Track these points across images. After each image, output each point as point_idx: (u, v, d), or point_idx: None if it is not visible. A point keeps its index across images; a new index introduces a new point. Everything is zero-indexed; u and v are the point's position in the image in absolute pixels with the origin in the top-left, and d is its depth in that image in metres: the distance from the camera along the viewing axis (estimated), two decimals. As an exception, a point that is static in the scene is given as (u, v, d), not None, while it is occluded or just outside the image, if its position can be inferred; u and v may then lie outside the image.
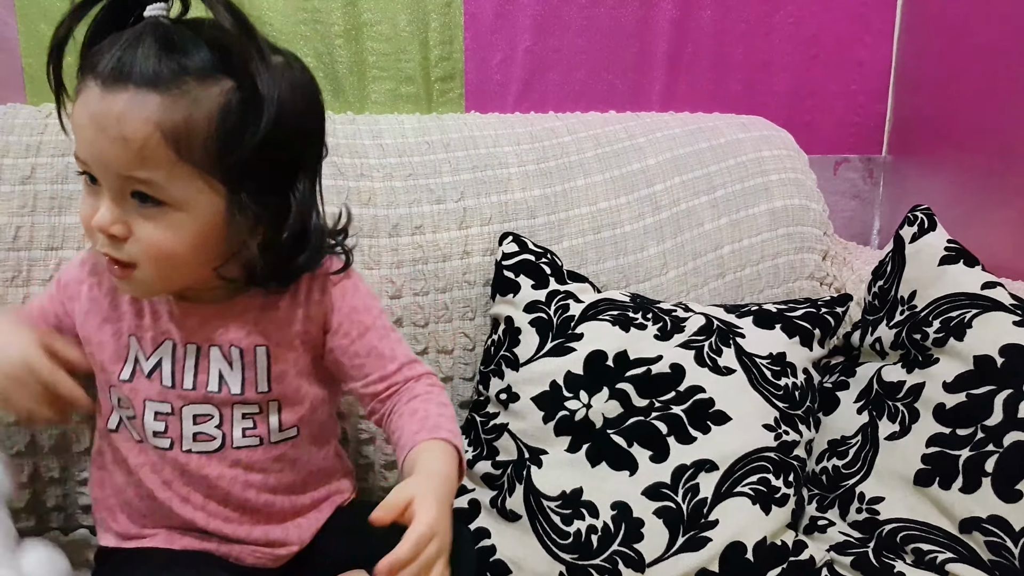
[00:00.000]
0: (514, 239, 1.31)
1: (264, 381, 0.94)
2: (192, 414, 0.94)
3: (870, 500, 1.13)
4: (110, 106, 0.79)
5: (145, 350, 0.94)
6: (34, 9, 1.33)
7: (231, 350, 0.93)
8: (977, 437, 1.05)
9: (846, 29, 1.76)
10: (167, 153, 0.80)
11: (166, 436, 0.94)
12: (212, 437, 0.94)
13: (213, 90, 0.80)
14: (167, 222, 0.83)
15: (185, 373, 0.93)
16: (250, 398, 0.94)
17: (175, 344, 0.93)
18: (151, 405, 0.93)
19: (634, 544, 1.05)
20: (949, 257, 1.19)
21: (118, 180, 0.81)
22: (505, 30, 1.57)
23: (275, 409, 0.96)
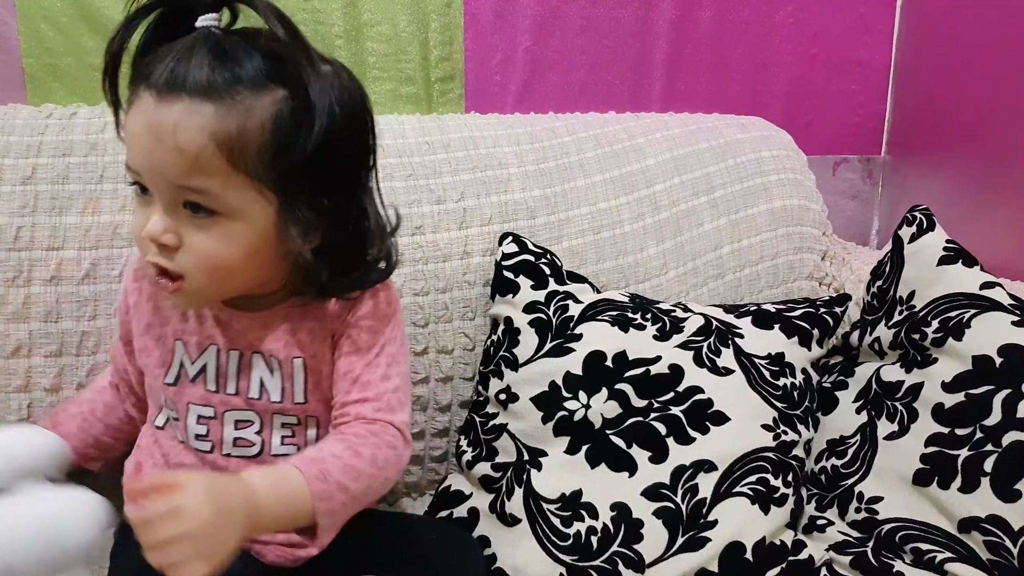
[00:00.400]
0: (514, 239, 1.31)
1: (301, 392, 0.94)
2: (234, 419, 0.94)
3: (869, 500, 1.13)
4: (165, 116, 0.79)
5: (191, 354, 0.95)
6: (34, 9, 1.33)
7: (271, 359, 0.94)
8: (976, 437, 1.05)
9: (846, 29, 1.76)
10: (221, 162, 0.80)
11: (207, 439, 0.95)
12: (251, 443, 0.95)
13: (266, 99, 0.81)
14: (220, 231, 0.83)
15: (228, 378, 0.94)
16: (288, 408, 0.95)
17: (219, 349, 0.94)
18: (194, 409, 0.94)
19: (634, 545, 1.05)
20: (948, 257, 1.19)
21: (171, 190, 0.81)
22: (505, 30, 1.57)
23: (313, 424, 0.96)
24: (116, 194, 1.19)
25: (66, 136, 1.21)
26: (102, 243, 1.17)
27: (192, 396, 0.94)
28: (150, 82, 0.80)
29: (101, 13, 1.35)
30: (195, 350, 0.94)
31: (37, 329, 1.15)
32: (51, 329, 1.15)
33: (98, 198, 1.19)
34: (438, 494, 1.23)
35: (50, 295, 1.15)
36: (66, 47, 1.35)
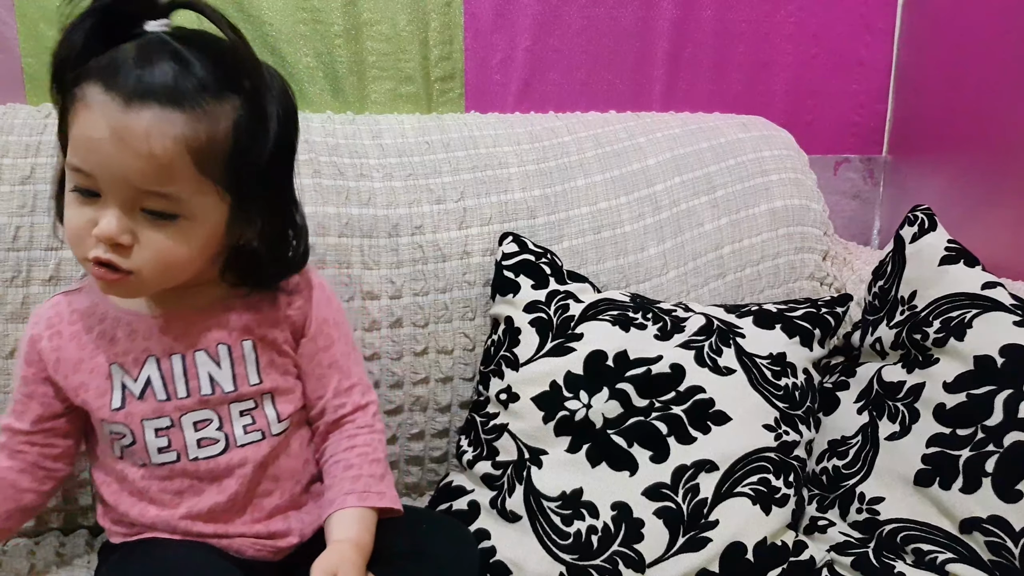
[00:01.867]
0: (514, 239, 1.31)
1: (254, 373, 0.97)
2: (192, 421, 0.94)
3: (870, 500, 1.13)
4: (134, 122, 0.79)
5: (131, 372, 0.94)
6: (34, 9, 1.33)
7: (218, 349, 0.95)
8: (977, 437, 1.04)
9: (846, 29, 1.76)
10: (190, 169, 0.82)
11: (171, 450, 0.94)
12: (215, 440, 0.95)
13: (227, 106, 0.84)
14: (176, 231, 0.85)
15: (176, 383, 0.94)
16: (244, 392, 0.96)
17: (158, 358, 0.94)
18: (149, 424, 0.94)
19: (634, 544, 1.05)
20: (949, 257, 1.19)
21: (132, 193, 0.82)
22: (505, 30, 1.57)
23: (269, 401, 0.98)
24: (115, 194, 1.19)
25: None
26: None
27: (144, 412, 0.93)
28: (111, 86, 0.80)
29: (100, 13, 1.35)
30: (134, 366, 0.94)
31: (36, 329, 1.15)
32: (50, 329, 1.15)
33: (97, 198, 1.19)
34: (439, 489, 1.23)
35: (49, 295, 1.14)
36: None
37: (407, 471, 1.32)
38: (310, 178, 1.28)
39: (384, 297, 1.28)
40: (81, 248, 0.85)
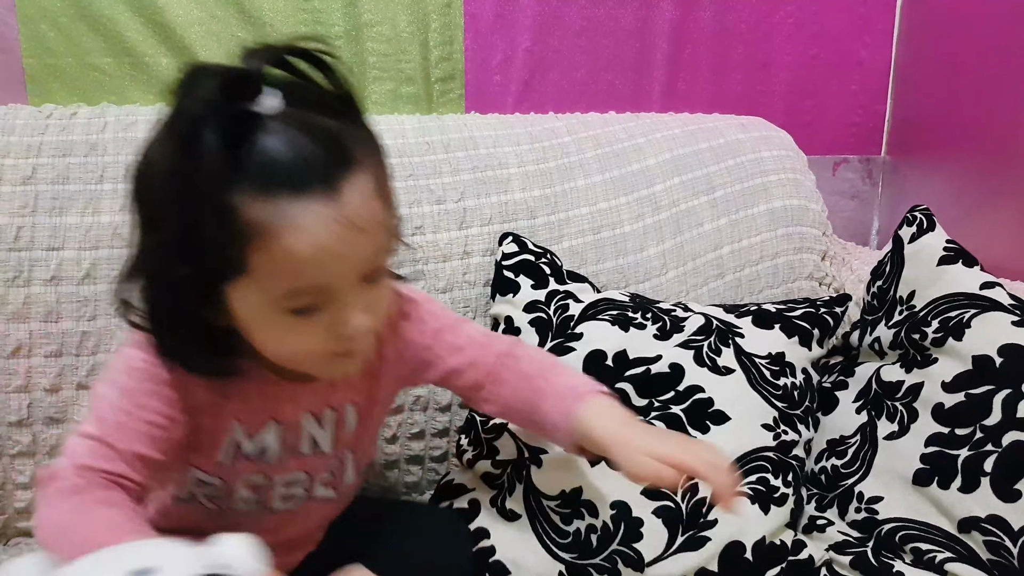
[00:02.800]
0: (514, 239, 1.31)
1: (351, 436, 0.93)
2: (284, 481, 0.91)
3: (869, 500, 1.13)
4: (349, 205, 0.70)
5: (250, 432, 0.86)
6: (34, 9, 1.33)
7: (325, 412, 0.90)
8: (976, 437, 1.05)
9: (846, 29, 1.76)
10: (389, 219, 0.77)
11: (255, 502, 0.91)
12: (296, 495, 0.93)
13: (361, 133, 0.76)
14: (382, 288, 0.80)
15: (284, 448, 0.89)
16: (338, 454, 0.93)
17: (280, 424, 0.87)
18: (245, 478, 0.89)
19: (633, 543, 1.05)
20: (948, 257, 1.19)
21: (357, 278, 0.75)
22: (505, 30, 1.57)
23: (349, 460, 0.95)
24: (116, 194, 1.19)
25: (66, 136, 1.21)
26: (102, 243, 1.17)
27: (246, 469, 0.88)
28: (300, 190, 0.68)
29: (101, 13, 1.35)
30: (255, 428, 0.86)
31: (37, 329, 1.15)
32: (51, 329, 1.15)
33: (98, 198, 1.19)
34: (439, 487, 1.23)
35: (50, 295, 1.15)
36: (66, 47, 1.36)
37: (407, 470, 1.32)
38: (310, 178, 1.29)
39: (384, 297, 1.28)
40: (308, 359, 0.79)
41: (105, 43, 1.37)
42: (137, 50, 1.38)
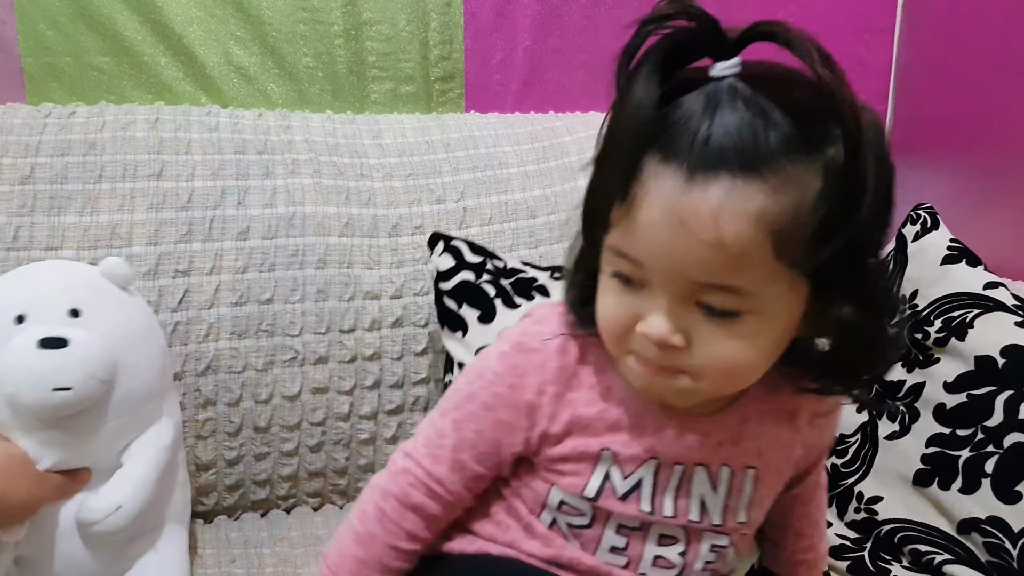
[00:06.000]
0: (445, 246, 1.26)
1: (743, 510, 0.78)
2: (659, 533, 0.77)
3: (868, 500, 1.13)
4: (700, 202, 0.61)
5: (623, 468, 0.76)
6: (34, 9, 1.33)
7: (720, 471, 0.76)
8: (977, 438, 1.04)
9: (847, 29, 1.76)
10: (768, 255, 0.62)
11: (624, 554, 0.78)
12: (672, 564, 0.78)
13: (811, 170, 0.62)
14: (744, 332, 0.65)
15: (665, 496, 0.76)
16: (727, 528, 0.78)
17: (660, 463, 0.76)
18: (615, 519, 0.77)
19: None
20: (952, 256, 1.19)
21: (689, 287, 0.64)
22: (505, 30, 1.56)
23: (735, 543, 0.80)
24: (115, 193, 1.19)
25: (65, 135, 1.21)
26: (101, 243, 1.17)
27: (616, 510, 0.76)
28: (669, 155, 0.62)
29: (100, 12, 1.35)
30: (630, 464, 0.75)
31: (36, 329, 1.15)
32: (50, 329, 1.15)
33: (97, 197, 1.19)
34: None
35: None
36: (65, 47, 1.35)
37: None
38: (310, 178, 1.29)
39: (384, 297, 1.28)
40: (620, 342, 0.70)
41: (104, 42, 1.36)
42: (136, 49, 1.38)
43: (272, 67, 1.45)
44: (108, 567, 1.00)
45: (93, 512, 0.94)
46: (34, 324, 0.93)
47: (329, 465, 1.29)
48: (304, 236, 1.26)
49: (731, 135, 0.60)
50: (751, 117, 0.61)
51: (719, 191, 0.60)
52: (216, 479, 1.25)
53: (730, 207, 0.60)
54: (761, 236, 0.61)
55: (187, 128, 1.28)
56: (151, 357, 1.03)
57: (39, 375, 0.90)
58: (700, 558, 0.78)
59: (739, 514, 0.77)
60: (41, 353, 0.90)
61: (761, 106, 0.61)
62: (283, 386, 1.24)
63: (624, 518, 0.76)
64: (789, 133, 0.61)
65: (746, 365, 0.67)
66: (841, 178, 0.61)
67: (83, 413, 0.94)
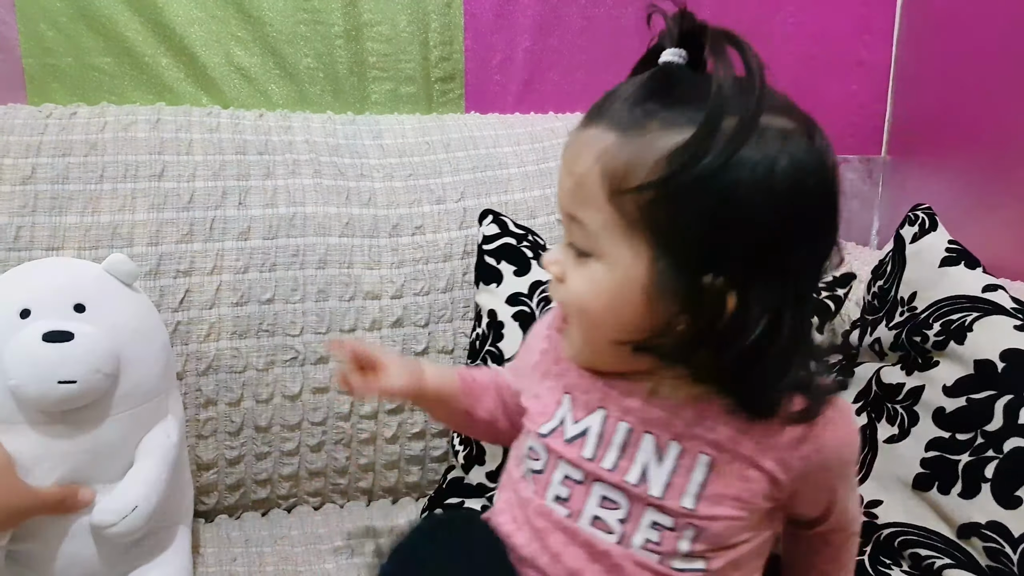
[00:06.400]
0: (494, 219, 1.31)
1: (692, 497, 0.78)
2: (600, 494, 0.81)
3: (868, 503, 1.12)
4: (574, 142, 0.76)
5: (575, 414, 0.83)
6: (34, 9, 1.33)
7: (669, 445, 0.79)
8: (977, 442, 1.04)
9: (846, 29, 1.76)
10: (600, 193, 0.71)
11: (566, 505, 0.82)
12: (610, 530, 0.80)
13: (674, 137, 0.68)
14: (589, 273, 0.74)
15: (608, 450, 0.81)
16: (667, 507, 0.78)
17: (607, 415, 0.81)
18: (563, 467, 0.82)
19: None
20: (950, 258, 1.19)
21: (566, 220, 0.76)
22: (505, 30, 1.56)
23: (689, 536, 0.78)
24: (116, 194, 1.19)
25: (66, 136, 1.21)
26: (102, 243, 1.17)
27: (564, 453, 0.82)
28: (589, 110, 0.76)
29: (101, 13, 1.35)
30: (582, 410, 0.83)
31: (37, 330, 1.15)
32: (51, 330, 1.15)
33: (98, 198, 1.19)
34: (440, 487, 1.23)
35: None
36: (66, 47, 1.35)
37: (407, 471, 1.32)
38: (311, 178, 1.29)
39: (385, 297, 1.28)
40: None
41: (105, 43, 1.36)
42: (137, 50, 1.38)
43: (273, 68, 1.45)
44: (113, 567, 1.01)
45: (109, 514, 0.94)
46: (39, 318, 0.94)
47: (330, 464, 1.29)
48: (305, 236, 1.26)
49: (623, 97, 0.72)
50: (648, 90, 0.72)
51: (590, 134, 0.73)
52: (217, 478, 1.25)
53: (587, 145, 0.72)
54: (598, 172, 0.71)
55: (188, 129, 1.28)
56: (155, 353, 1.04)
57: (44, 368, 0.91)
58: (640, 532, 0.79)
59: (686, 498, 0.78)
60: (46, 346, 0.92)
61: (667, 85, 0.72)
62: (284, 386, 1.24)
63: (570, 466, 0.82)
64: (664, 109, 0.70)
65: (588, 304, 0.75)
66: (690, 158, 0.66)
67: (87, 407, 0.95)
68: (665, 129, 0.68)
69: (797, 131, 0.71)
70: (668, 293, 0.70)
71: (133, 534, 0.96)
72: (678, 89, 0.71)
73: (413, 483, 1.34)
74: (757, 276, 0.69)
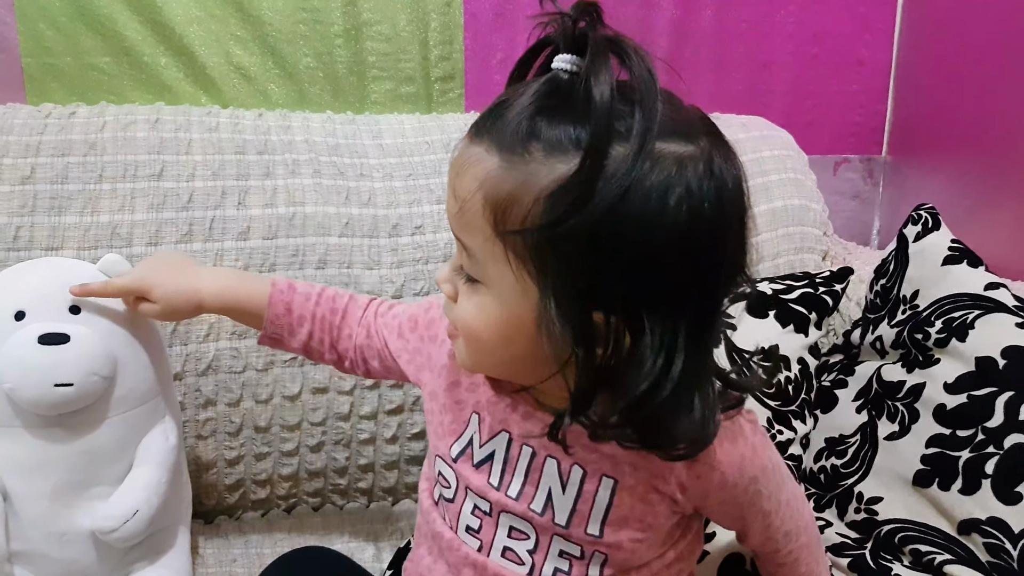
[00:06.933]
0: None
1: (597, 523, 0.77)
2: (508, 524, 0.80)
3: (868, 500, 1.12)
4: (459, 158, 0.69)
5: (482, 434, 0.81)
6: (34, 9, 1.33)
7: (572, 469, 0.76)
8: (977, 439, 1.04)
9: (846, 29, 1.76)
10: (486, 225, 0.67)
11: (477, 537, 0.81)
12: (520, 561, 0.79)
13: (557, 167, 0.63)
14: (478, 299, 0.71)
15: (514, 476, 0.79)
16: (574, 535, 0.77)
17: (511, 438, 0.79)
18: (471, 497, 0.81)
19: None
20: (953, 257, 1.19)
21: (456, 240, 0.72)
22: (505, 30, 1.56)
23: (599, 562, 0.78)
24: (115, 194, 1.19)
25: (65, 136, 1.21)
26: (101, 243, 1.17)
27: (472, 481, 0.80)
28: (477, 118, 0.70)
29: (100, 12, 1.35)
30: (487, 432, 0.80)
31: (36, 329, 1.14)
32: (50, 329, 1.15)
33: (97, 198, 1.19)
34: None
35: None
36: (65, 47, 1.35)
37: (407, 471, 1.32)
38: (310, 178, 1.29)
39: (385, 297, 1.28)
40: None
41: (104, 43, 1.36)
42: (136, 50, 1.38)
43: (272, 67, 1.45)
44: (112, 570, 1.01)
45: (110, 520, 0.94)
46: (33, 320, 0.93)
47: (329, 465, 1.29)
48: (304, 236, 1.26)
49: (509, 113, 0.65)
50: (533, 104, 0.65)
51: (473, 152, 0.67)
52: (216, 479, 1.25)
53: (471, 165, 0.67)
54: (480, 199, 0.66)
55: (187, 128, 1.28)
56: (151, 354, 1.03)
57: (40, 371, 0.90)
58: (549, 561, 0.78)
59: (592, 525, 0.76)
60: (42, 349, 0.91)
61: (553, 101, 0.65)
62: (283, 386, 1.24)
63: (477, 496, 0.80)
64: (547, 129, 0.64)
65: (478, 332, 0.71)
66: (574, 187, 0.62)
67: (83, 410, 0.95)
68: (548, 155, 0.63)
69: (694, 156, 0.65)
70: (559, 329, 0.66)
71: (134, 539, 0.96)
72: (566, 105, 0.64)
73: (413, 483, 1.34)
74: (651, 312, 0.65)
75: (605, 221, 0.62)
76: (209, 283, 0.98)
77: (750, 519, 0.83)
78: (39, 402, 0.91)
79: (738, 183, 0.70)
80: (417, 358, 0.91)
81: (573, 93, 0.64)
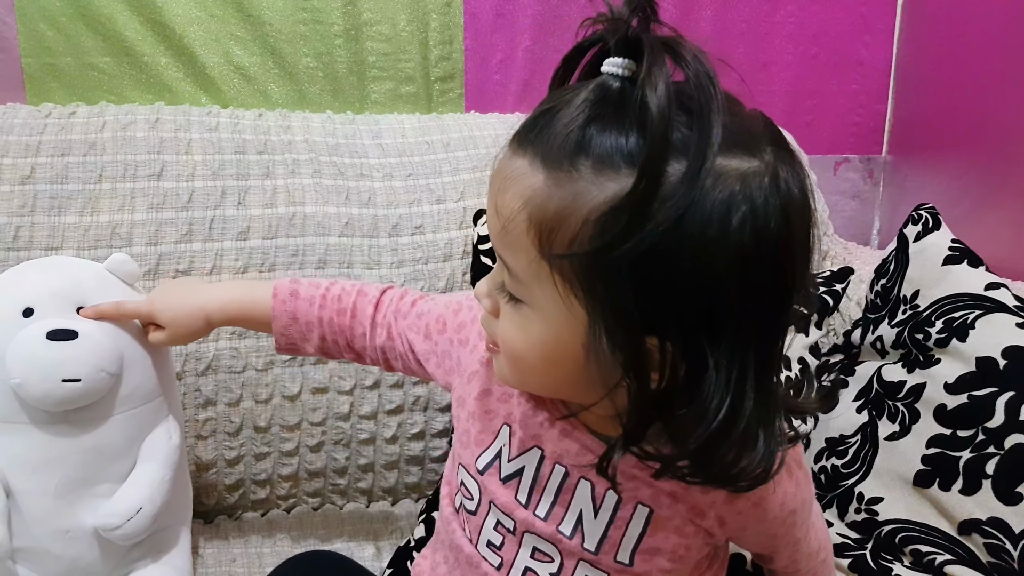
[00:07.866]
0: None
1: (628, 551, 0.74)
2: (532, 545, 0.77)
3: (869, 500, 1.12)
4: (500, 171, 0.64)
5: (512, 449, 0.77)
6: (34, 9, 1.33)
7: (607, 494, 0.74)
8: (978, 439, 1.04)
9: (846, 29, 1.76)
10: (531, 246, 0.62)
11: (499, 554, 0.79)
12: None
13: (608, 186, 0.58)
14: (521, 319, 0.66)
15: (544, 496, 0.76)
16: (603, 562, 0.74)
17: (543, 456, 0.76)
18: (495, 512, 0.78)
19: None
20: (953, 257, 1.19)
21: (498, 256, 0.67)
22: (505, 30, 1.56)
23: None
24: (115, 193, 1.19)
25: (65, 136, 1.21)
26: (101, 243, 1.17)
27: (497, 496, 0.77)
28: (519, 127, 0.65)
29: (100, 12, 1.35)
30: (517, 446, 0.77)
31: (36, 329, 1.14)
32: (50, 329, 1.15)
33: (97, 198, 1.19)
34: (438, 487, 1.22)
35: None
36: (65, 47, 1.35)
37: (407, 471, 1.32)
38: (310, 178, 1.29)
39: (387, 295, 1.28)
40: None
41: (104, 42, 1.36)
42: (136, 49, 1.38)
43: (272, 67, 1.45)
44: (114, 568, 1.01)
45: (113, 517, 0.94)
46: (42, 317, 0.94)
47: (329, 465, 1.29)
48: (304, 236, 1.26)
49: (551, 121, 0.61)
50: (583, 114, 0.59)
51: (516, 166, 0.62)
52: (216, 479, 1.25)
53: (515, 182, 0.62)
54: (525, 219, 0.61)
55: (187, 128, 1.28)
56: (155, 353, 1.03)
57: (48, 366, 0.91)
58: None
59: (622, 552, 0.74)
60: (50, 345, 0.91)
61: (605, 111, 0.59)
62: (283, 386, 1.24)
63: (502, 512, 0.77)
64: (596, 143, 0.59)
65: (522, 353, 0.67)
66: (630, 208, 0.57)
67: (89, 407, 0.95)
68: (598, 173, 0.58)
69: (758, 171, 0.59)
70: (609, 354, 0.61)
71: (138, 536, 0.96)
72: (617, 115, 0.59)
73: (413, 483, 1.34)
74: (713, 344, 0.59)
75: (660, 246, 0.56)
76: (213, 298, 0.98)
77: (781, 547, 0.82)
78: (46, 397, 0.91)
79: (804, 192, 0.63)
80: (446, 362, 0.88)
81: (625, 103, 0.58)
